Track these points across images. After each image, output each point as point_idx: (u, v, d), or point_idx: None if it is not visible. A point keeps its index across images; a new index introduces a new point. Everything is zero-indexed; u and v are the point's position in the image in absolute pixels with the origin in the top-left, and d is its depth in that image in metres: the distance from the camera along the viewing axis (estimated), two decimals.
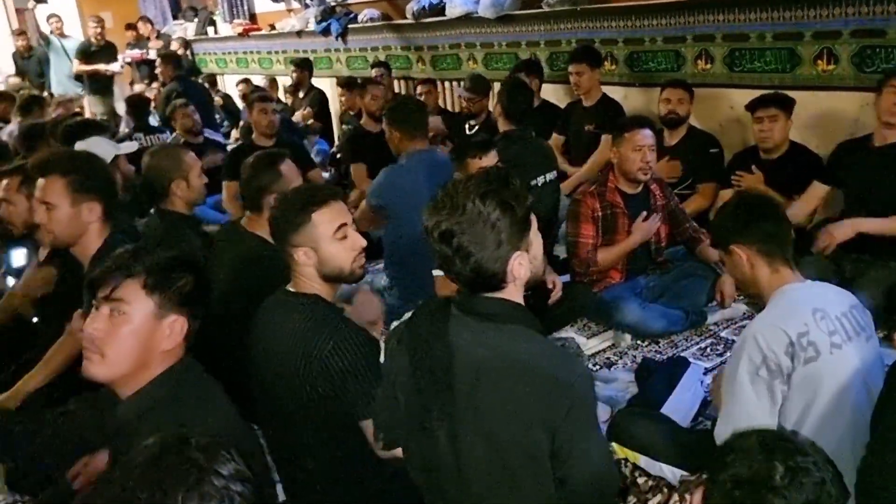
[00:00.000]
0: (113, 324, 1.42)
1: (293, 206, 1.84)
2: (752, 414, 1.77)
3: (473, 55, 5.74)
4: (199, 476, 0.98)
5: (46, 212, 2.20)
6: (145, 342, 1.43)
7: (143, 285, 1.43)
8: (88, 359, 1.43)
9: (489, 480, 1.40)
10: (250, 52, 8.65)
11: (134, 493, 0.95)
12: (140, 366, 1.44)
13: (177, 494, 0.95)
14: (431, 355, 1.45)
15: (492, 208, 1.34)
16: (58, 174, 2.21)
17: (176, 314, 1.46)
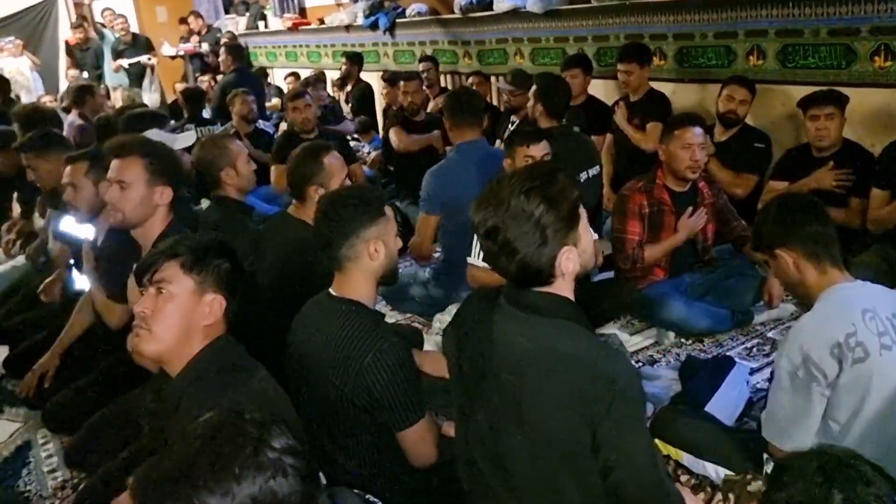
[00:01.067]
0: (159, 301, 1.54)
1: (368, 200, 1.86)
2: (792, 413, 1.76)
3: (520, 50, 5.73)
4: (254, 448, 1.02)
5: (120, 191, 2.27)
6: (188, 317, 1.54)
7: (181, 265, 1.56)
8: (138, 335, 1.55)
9: (529, 471, 1.41)
10: (299, 46, 8.77)
11: (194, 463, 0.99)
12: (184, 340, 1.54)
13: (233, 466, 0.99)
14: (474, 344, 1.47)
15: (535, 205, 1.34)
16: (137, 155, 2.29)
17: (214, 293, 1.57)
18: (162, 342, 1.53)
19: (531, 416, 1.37)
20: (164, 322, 1.53)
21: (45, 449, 2.65)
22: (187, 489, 0.97)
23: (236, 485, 0.98)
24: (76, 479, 2.45)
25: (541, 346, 1.37)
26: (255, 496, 0.99)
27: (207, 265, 1.57)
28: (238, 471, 0.99)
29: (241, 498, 0.98)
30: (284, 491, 1.02)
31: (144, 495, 1.02)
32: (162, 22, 10.58)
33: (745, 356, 2.86)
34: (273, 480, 1.01)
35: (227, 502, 0.98)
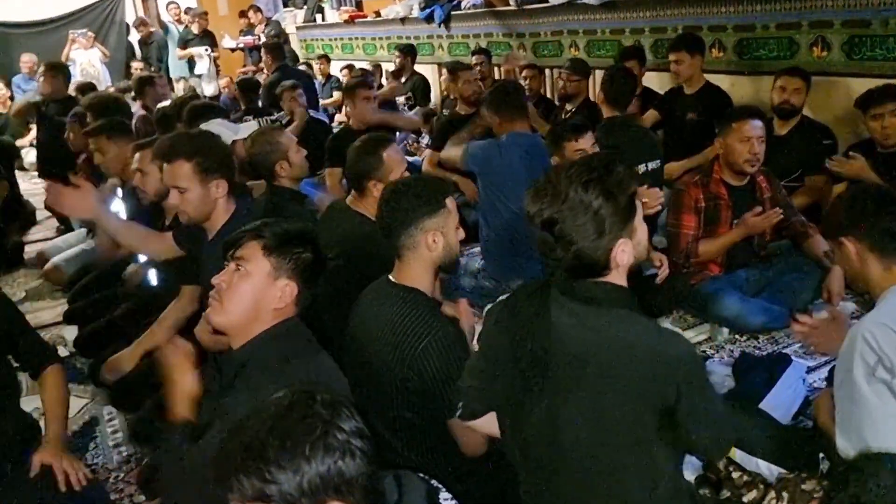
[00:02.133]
0: (235, 277, 1.59)
1: (429, 191, 1.88)
2: (876, 418, 1.63)
3: (575, 42, 5.69)
4: (324, 429, 1.05)
5: (179, 194, 2.35)
6: (259, 297, 1.58)
7: (262, 247, 1.59)
8: (211, 306, 1.61)
9: (590, 462, 1.41)
10: (355, 39, 8.87)
11: (267, 440, 1.03)
12: (252, 318, 1.59)
13: (304, 445, 1.03)
14: (532, 337, 1.47)
15: (594, 196, 1.34)
16: (183, 158, 2.35)
17: (288, 279, 1.60)
18: (230, 315, 1.58)
19: (596, 406, 1.37)
20: (235, 298, 1.58)
21: (111, 425, 2.78)
22: (260, 464, 1.01)
23: (306, 463, 1.02)
24: (139, 454, 2.55)
25: (603, 336, 1.37)
26: (323, 475, 1.03)
27: (287, 252, 1.60)
28: (308, 450, 1.03)
29: (310, 476, 1.02)
30: (352, 472, 1.05)
31: (219, 468, 1.06)
32: (223, 15, 10.84)
33: (801, 354, 2.80)
34: (341, 461, 1.04)
35: (297, 480, 1.01)
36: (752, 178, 3.05)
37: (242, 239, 1.62)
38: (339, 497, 1.05)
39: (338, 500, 1.05)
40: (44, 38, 9.70)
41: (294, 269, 1.61)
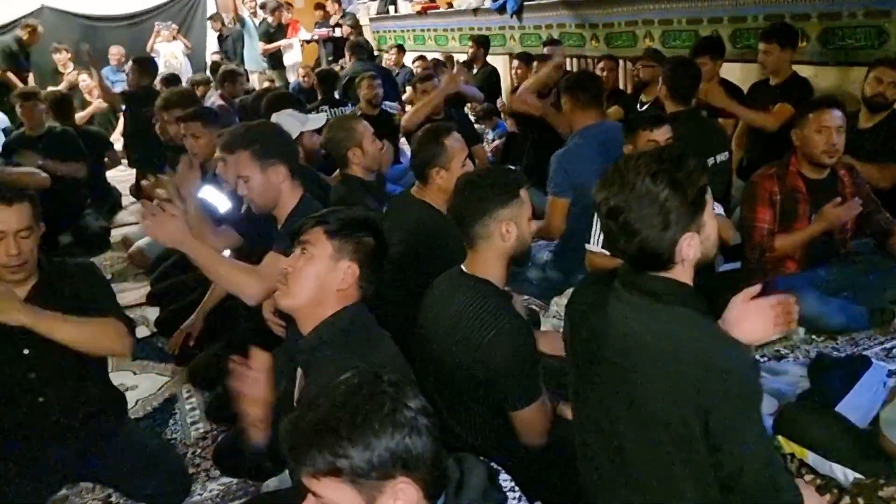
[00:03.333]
0: (300, 261, 1.66)
1: (504, 182, 1.90)
2: None
3: (650, 32, 5.57)
4: (392, 406, 1.09)
5: (244, 184, 2.44)
6: (322, 280, 1.65)
7: (325, 231, 1.67)
8: (279, 289, 1.69)
9: (642, 457, 1.41)
10: (428, 30, 8.92)
11: (338, 417, 1.08)
12: (317, 301, 1.65)
13: (373, 421, 1.07)
14: (588, 326, 1.48)
15: (661, 188, 1.32)
16: (241, 147, 2.43)
17: (350, 261, 1.66)
18: (297, 298, 1.65)
19: (642, 403, 1.36)
20: (301, 280, 1.64)
21: (189, 402, 2.90)
22: (332, 439, 1.06)
23: (375, 439, 1.06)
24: (215, 431, 2.66)
25: (653, 332, 1.36)
26: (392, 451, 1.07)
27: (349, 235, 1.67)
28: (377, 426, 1.07)
29: (379, 451, 1.06)
30: (418, 449, 1.09)
31: (292, 443, 1.11)
32: (299, 7, 11.05)
33: (883, 357, 2.69)
34: (409, 438, 1.08)
35: (366, 455, 1.06)
36: (834, 172, 2.93)
37: (307, 225, 1.70)
38: (407, 472, 1.09)
39: (405, 476, 1.09)
40: (130, 31, 10.11)
41: (356, 252, 1.67)
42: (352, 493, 1.07)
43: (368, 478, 1.07)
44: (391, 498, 1.09)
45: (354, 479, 1.07)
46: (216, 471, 2.41)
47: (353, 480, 1.07)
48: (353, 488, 1.07)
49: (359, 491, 1.07)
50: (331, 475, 1.07)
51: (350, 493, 1.08)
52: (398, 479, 1.09)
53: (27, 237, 2.10)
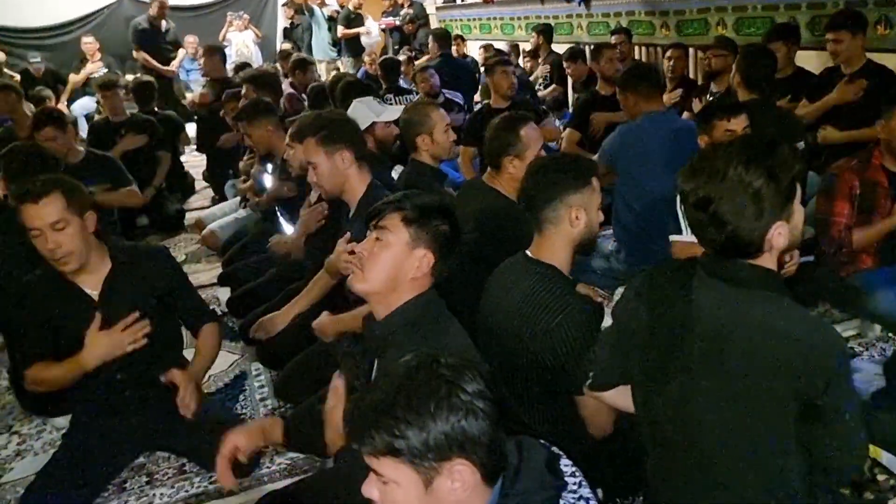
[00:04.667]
0: (376, 247, 1.66)
1: (577, 168, 1.91)
2: None
3: (723, 19, 5.42)
4: (448, 389, 1.12)
5: (313, 171, 2.50)
6: (397, 266, 1.64)
7: (402, 218, 1.65)
8: (353, 273, 1.69)
9: (721, 445, 1.40)
10: (493, 19, 8.89)
11: (395, 399, 1.11)
12: (391, 287, 1.65)
13: (430, 404, 1.10)
14: (672, 314, 1.46)
15: (756, 176, 1.29)
16: (309, 135, 2.50)
17: (426, 249, 1.65)
18: (370, 283, 1.65)
19: (731, 389, 1.35)
20: (376, 266, 1.64)
21: (258, 380, 3.00)
22: (390, 421, 1.10)
23: (432, 421, 1.09)
24: (283, 409, 2.75)
25: (747, 317, 1.34)
26: (447, 433, 1.09)
27: (425, 223, 1.65)
28: (433, 409, 1.10)
29: (435, 433, 1.09)
30: (474, 431, 1.11)
31: (353, 424, 1.15)
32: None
33: None
34: (465, 420, 1.10)
35: (423, 436, 1.09)
36: None
37: (384, 210, 1.68)
38: (464, 454, 1.11)
39: (462, 457, 1.11)
40: (205, 21, 10.39)
41: (432, 240, 1.66)
42: (410, 472, 1.11)
43: (425, 458, 1.10)
44: (448, 479, 1.12)
45: (412, 459, 1.10)
46: (284, 448, 2.48)
47: (411, 461, 1.10)
48: (411, 468, 1.11)
49: (416, 470, 1.11)
50: (389, 455, 1.10)
51: (408, 473, 1.11)
52: (455, 461, 1.11)
53: (63, 229, 2.10)
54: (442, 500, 1.13)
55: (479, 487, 1.15)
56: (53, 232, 2.10)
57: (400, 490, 1.12)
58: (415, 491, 1.12)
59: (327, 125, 2.51)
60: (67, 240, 2.12)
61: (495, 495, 1.17)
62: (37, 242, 2.13)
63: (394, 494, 1.13)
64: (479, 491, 1.15)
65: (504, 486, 1.19)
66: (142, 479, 2.41)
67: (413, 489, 1.12)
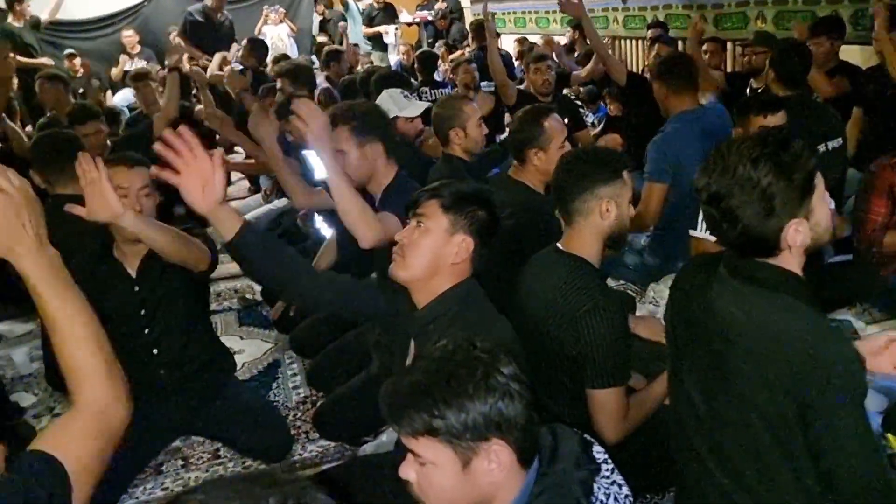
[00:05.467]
0: (416, 234, 1.69)
1: (609, 161, 1.91)
2: None
3: (763, 13, 5.34)
4: (485, 371, 1.14)
5: (343, 158, 2.50)
6: (437, 252, 1.67)
7: (441, 205, 1.69)
8: (395, 261, 1.72)
9: (736, 441, 1.39)
10: (528, 12, 8.85)
11: (434, 380, 1.14)
12: (432, 273, 1.68)
13: (468, 385, 1.12)
14: (690, 309, 1.47)
15: (764, 173, 1.28)
16: (342, 123, 2.50)
17: (465, 234, 1.68)
18: (412, 270, 1.68)
19: (737, 389, 1.35)
20: (417, 252, 1.67)
21: (291, 368, 3.05)
22: (428, 401, 1.12)
23: (470, 402, 1.11)
24: (315, 397, 2.79)
25: (754, 319, 1.33)
26: (485, 414, 1.12)
27: (464, 209, 1.68)
28: (472, 390, 1.12)
29: (473, 414, 1.11)
30: (511, 413, 1.13)
31: (391, 405, 1.17)
32: None
33: None
34: (502, 402, 1.13)
35: (461, 416, 1.11)
36: None
37: (422, 198, 1.72)
38: (500, 435, 1.13)
39: (499, 438, 1.13)
40: (242, 15, 10.48)
41: (470, 226, 1.68)
42: (448, 452, 1.13)
43: (463, 438, 1.12)
44: (485, 459, 1.14)
45: (450, 439, 1.12)
46: (315, 434, 2.53)
47: (449, 441, 1.12)
48: (449, 448, 1.13)
49: (455, 451, 1.13)
50: (428, 435, 1.12)
51: (446, 453, 1.13)
52: (492, 441, 1.13)
53: (148, 196, 2.28)
54: (478, 481, 1.15)
55: (514, 469, 1.17)
56: (139, 196, 2.26)
57: (437, 471, 1.14)
58: (452, 471, 1.14)
59: (361, 116, 2.54)
60: (148, 207, 2.28)
61: (532, 475, 1.20)
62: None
63: (431, 475, 1.15)
64: (514, 473, 1.18)
65: (541, 466, 1.21)
66: (177, 462, 2.46)
67: (451, 469, 1.14)
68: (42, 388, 3.03)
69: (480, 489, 1.16)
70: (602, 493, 1.21)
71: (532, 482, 1.19)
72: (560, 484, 1.19)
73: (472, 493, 1.16)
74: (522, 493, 1.19)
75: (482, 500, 1.18)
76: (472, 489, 1.16)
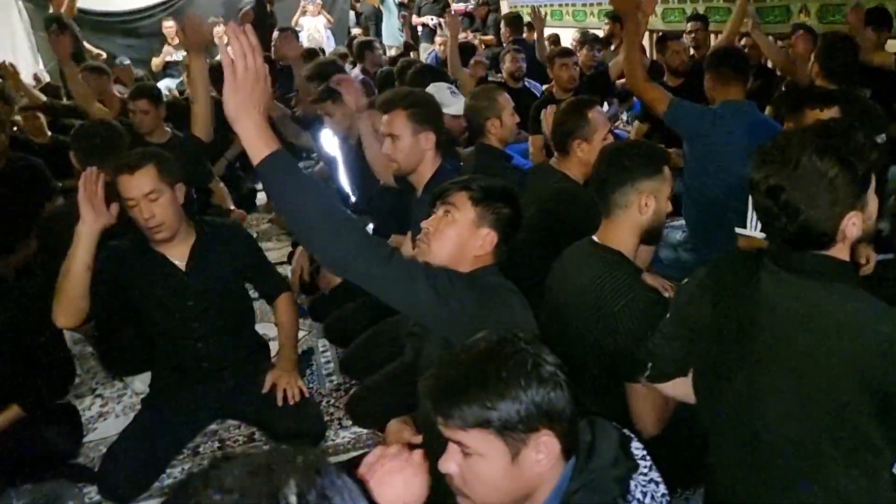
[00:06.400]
0: (442, 223, 1.72)
1: (651, 155, 1.91)
2: None
3: (806, 6, 5.23)
4: (534, 362, 1.14)
5: (392, 142, 2.53)
6: (462, 243, 1.70)
7: (470, 197, 1.71)
8: (419, 248, 1.76)
9: (790, 442, 1.37)
10: (565, 5, 8.78)
11: (485, 372, 1.14)
12: (455, 262, 1.69)
13: (520, 375, 1.12)
14: (737, 305, 1.44)
15: (829, 165, 1.26)
16: (401, 108, 2.52)
17: (490, 228, 1.71)
18: (436, 257, 1.70)
19: (800, 384, 1.32)
20: (442, 241, 1.71)
21: (325, 356, 3.09)
22: (481, 392, 1.12)
23: (523, 392, 1.11)
24: (348, 384, 2.82)
25: (817, 309, 1.31)
26: (538, 404, 1.12)
27: (491, 204, 1.71)
28: (524, 380, 1.12)
29: (526, 404, 1.11)
30: (561, 403, 1.14)
31: (438, 398, 1.16)
32: None
33: None
34: (553, 392, 1.13)
35: (515, 406, 1.11)
36: None
37: (452, 189, 1.75)
38: (549, 425, 1.13)
39: (548, 428, 1.14)
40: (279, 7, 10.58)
41: (495, 221, 1.71)
42: (499, 443, 1.13)
43: (515, 429, 1.12)
44: (534, 450, 1.14)
45: (502, 430, 1.12)
46: (348, 420, 2.57)
47: (501, 432, 1.12)
48: (500, 439, 1.12)
49: (505, 442, 1.12)
50: (479, 427, 1.12)
51: (497, 444, 1.13)
52: (542, 432, 1.13)
53: (156, 199, 2.23)
54: (525, 473, 1.15)
55: (558, 461, 1.17)
56: (147, 202, 2.22)
57: (485, 462, 1.14)
58: (501, 462, 1.13)
59: (420, 104, 2.55)
60: (160, 210, 2.25)
61: (568, 471, 1.19)
62: (133, 213, 2.25)
63: (478, 467, 1.14)
64: (558, 465, 1.18)
65: (578, 462, 1.20)
66: (214, 444, 2.52)
67: (500, 461, 1.13)
68: (84, 368, 3.11)
69: (527, 481, 1.16)
70: (639, 492, 1.20)
71: (568, 477, 1.19)
72: (597, 481, 1.18)
73: (517, 484, 1.16)
74: (558, 487, 1.19)
75: (526, 492, 1.18)
76: (519, 481, 1.15)
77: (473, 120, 3.04)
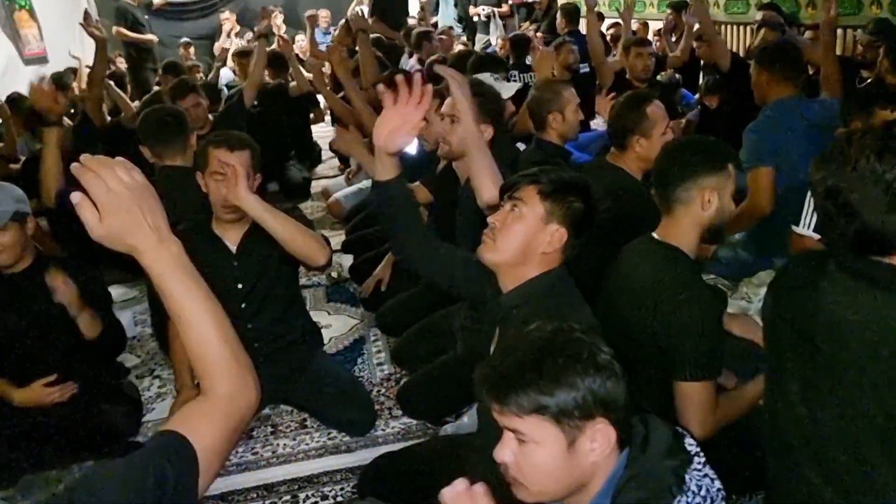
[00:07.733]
0: (509, 218, 1.66)
1: (715, 151, 1.86)
2: None
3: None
4: (590, 350, 1.16)
5: (451, 124, 2.53)
6: (529, 240, 1.64)
7: (538, 192, 1.65)
8: (484, 243, 1.69)
9: (840, 448, 1.34)
10: None
11: (542, 359, 1.15)
12: (521, 260, 1.66)
13: (577, 363, 1.14)
14: (795, 308, 1.42)
15: (889, 167, 1.23)
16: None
17: (560, 224, 1.65)
18: (501, 254, 1.66)
19: (849, 393, 1.29)
20: (508, 237, 1.64)
21: (376, 345, 3.11)
22: (539, 380, 1.13)
23: (580, 380, 1.13)
24: (398, 375, 2.84)
25: (870, 318, 1.28)
26: (594, 392, 1.13)
27: (562, 198, 1.64)
28: (580, 368, 1.14)
29: (583, 391, 1.13)
30: (617, 391, 1.15)
31: (494, 385, 1.17)
32: None
33: None
34: (609, 380, 1.14)
35: (572, 394, 1.13)
36: None
37: (520, 182, 1.68)
38: (605, 413, 1.14)
39: (604, 417, 1.14)
40: None
41: (566, 216, 1.64)
42: (555, 430, 1.14)
43: (572, 416, 1.13)
44: (590, 439, 1.15)
45: (559, 417, 1.13)
46: (398, 411, 2.58)
47: (557, 419, 1.13)
48: (556, 426, 1.14)
49: (561, 429, 1.14)
50: (536, 413, 1.13)
51: (553, 431, 1.14)
52: (597, 420, 1.14)
53: (248, 177, 2.30)
54: (580, 461, 1.16)
55: (613, 451, 1.18)
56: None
57: (541, 449, 1.15)
58: (557, 449, 1.14)
59: (486, 94, 2.55)
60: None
61: (623, 460, 1.20)
62: (215, 185, 2.32)
63: (534, 454, 1.16)
64: (613, 455, 1.19)
65: (632, 453, 1.20)
66: (267, 429, 2.56)
67: (556, 448, 1.14)
68: (145, 350, 3.21)
69: (582, 469, 1.17)
70: (694, 485, 1.19)
71: (622, 467, 1.19)
72: (651, 470, 1.18)
73: (573, 472, 1.17)
74: (612, 476, 1.19)
75: (580, 481, 1.19)
76: (574, 469, 1.16)
77: (536, 111, 3.01)
